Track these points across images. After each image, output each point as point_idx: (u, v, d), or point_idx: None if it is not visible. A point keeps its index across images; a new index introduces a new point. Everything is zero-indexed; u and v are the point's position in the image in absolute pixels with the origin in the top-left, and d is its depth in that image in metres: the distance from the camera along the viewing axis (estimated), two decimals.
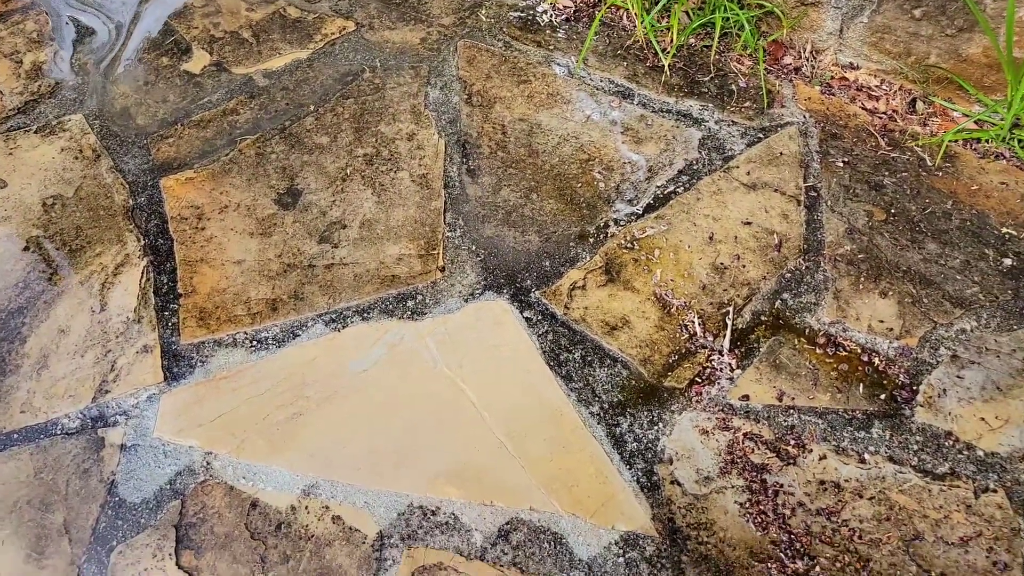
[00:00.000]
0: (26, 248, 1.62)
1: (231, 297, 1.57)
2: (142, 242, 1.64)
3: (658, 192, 1.76)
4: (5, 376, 1.45)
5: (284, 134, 1.85)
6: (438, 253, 1.64)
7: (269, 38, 2.10)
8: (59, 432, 1.39)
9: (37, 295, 1.55)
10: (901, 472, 1.36)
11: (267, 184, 1.75)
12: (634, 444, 1.40)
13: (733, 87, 1.99)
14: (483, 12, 2.19)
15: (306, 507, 1.32)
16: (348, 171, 1.78)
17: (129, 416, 1.42)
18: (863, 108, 1.95)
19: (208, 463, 1.37)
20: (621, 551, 1.29)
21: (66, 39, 2.09)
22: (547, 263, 1.64)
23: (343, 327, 1.54)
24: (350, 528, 1.30)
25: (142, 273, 1.59)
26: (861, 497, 1.33)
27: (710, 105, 1.94)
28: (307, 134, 1.85)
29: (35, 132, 1.84)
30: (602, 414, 1.43)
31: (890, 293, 1.58)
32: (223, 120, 1.88)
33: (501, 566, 1.27)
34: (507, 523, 1.31)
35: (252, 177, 1.76)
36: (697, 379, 1.48)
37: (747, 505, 1.33)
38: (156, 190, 1.74)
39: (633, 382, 1.47)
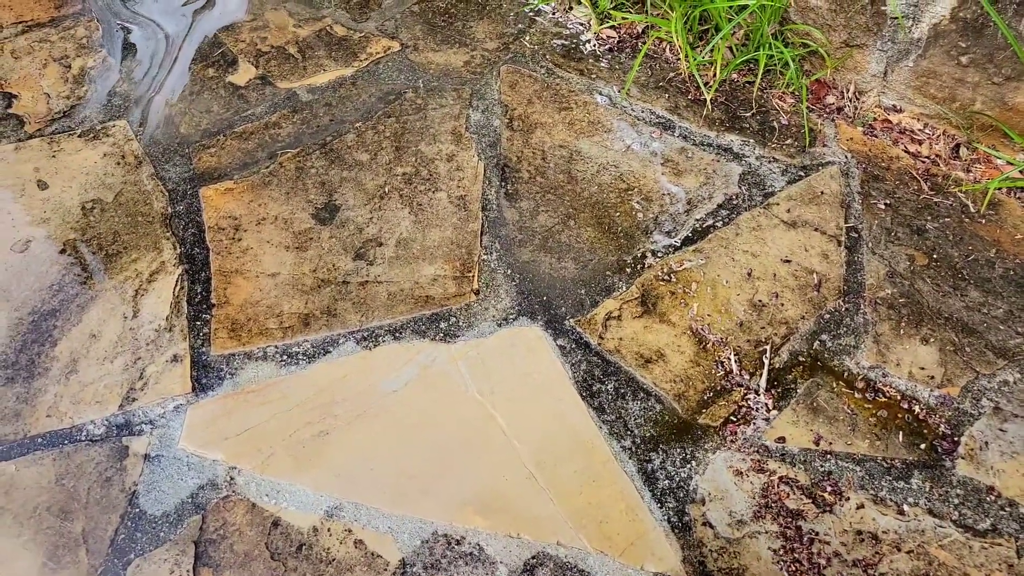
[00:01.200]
0: (63, 251, 1.62)
1: (264, 310, 1.56)
2: (178, 250, 1.64)
3: (697, 225, 1.74)
4: (34, 378, 1.44)
5: (324, 149, 1.85)
6: (473, 275, 1.63)
7: (315, 54, 2.12)
8: (84, 438, 1.38)
9: (71, 298, 1.55)
10: (941, 526, 1.31)
11: (305, 198, 1.75)
12: (666, 482, 1.36)
13: (775, 124, 1.97)
14: (527, 39, 2.20)
15: (328, 529, 1.30)
16: (386, 189, 1.77)
17: (155, 426, 1.40)
18: (906, 151, 1.92)
19: (232, 478, 1.34)
20: None
21: (115, 46, 2.12)
22: (583, 291, 1.62)
23: (375, 346, 1.52)
24: (372, 554, 1.27)
25: (176, 281, 1.58)
26: (899, 550, 1.29)
27: (751, 141, 1.92)
28: (347, 151, 1.85)
29: (79, 136, 1.85)
30: (634, 448, 1.40)
31: (931, 340, 1.55)
32: (265, 133, 1.89)
33: None
34: (533, 557, 1.28)
35: (291, 191, 1.76)
36: (732, 418, 1.44)
37: (781, 552, 1.29)
38: (195, 199, 1.74)
39: (666, 417, 1.44)
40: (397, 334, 1.54)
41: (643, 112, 1.99)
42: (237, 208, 1.72)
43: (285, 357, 1.50)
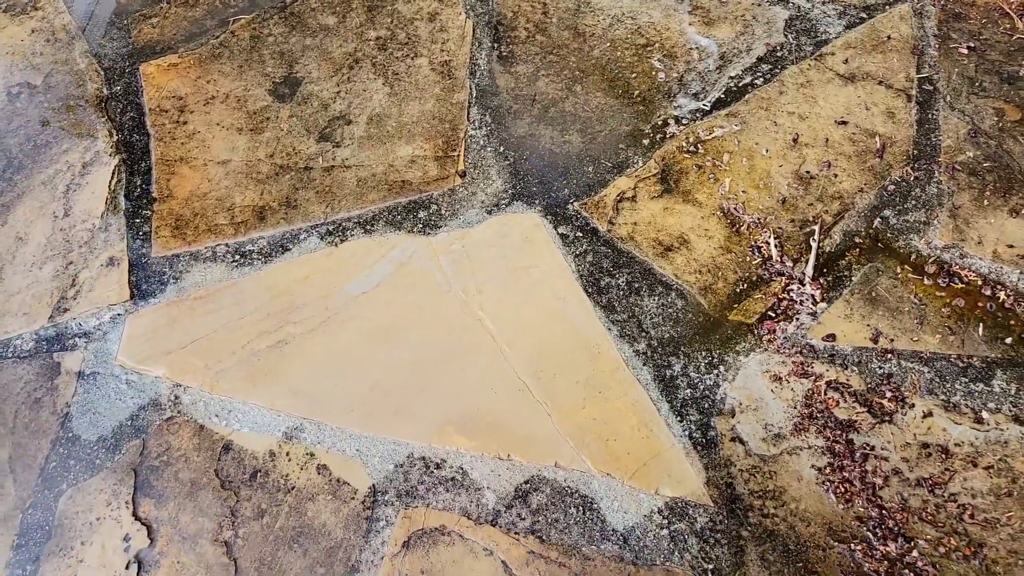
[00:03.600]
0: None
1: (213, 203, 1.33)
2: (115, 137, 1.42)
3: (731, 84, 1.44)
4: None
5: (284, 14, 1.58)
6: (458, 155, 1.37)
7: None
8: (10, 355, 1.21)
9: None
10: None
11: (261, 72, 1.49)
12: (688, 391, 1.14)
13: None
14: None
15: (287, 453, 1.12)
16: (357, 57, 1.50)
17: (90, 339, 1.22)
18: None
19: (176, 397, 1.16)
20: (665, 521, 1.05)
21: None
22: (590, 169, 1.35)
23: (341, 240, 1.30)
24: (337, 480, 1.09)
25: (112, 173, 1.37)
26: (975, 466, 1.09)
27: None
28: (311, 13, 1.57)
29: (4, 11, 1.61)
30: (649, 353, 1.18)
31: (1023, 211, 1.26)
32: None
33: (516, 534, 1.04)
34: (526, 482, 1.08)
35: (245, 64, 1.50)
36: (770, 313, 1.21)
37: (827, 471, 1.10)
38: (134, 78, 1.50)
39: (689, 315, 1.21)
40: (368, 226, 1.31)
41: None
42: (182, 86, 1.47)
43: (237, 257, 1.29)
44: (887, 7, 1.53)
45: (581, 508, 1.07)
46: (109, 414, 1.15)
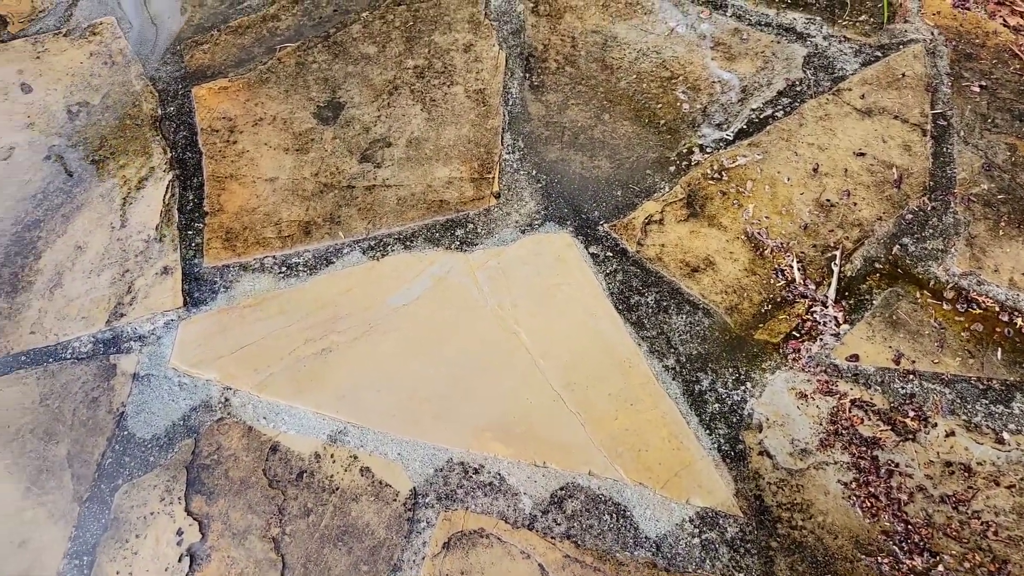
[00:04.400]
0: (47, 157, 1.49)
1: (261, 217, 1.40)
2: (169, 155, 1.48)
3: (753, 116, 1.50)
4: (16, 293, 1.32)
5: (328, 42, 1.66)
6: (493, 177, 1.43)
7: None
8: (69, 356, 1.26)
9: (55, 208, 1.41)
10: None
11: (306, 96, 1.57)
12: (716, 405, 1.18)
13: None
14: None
15: (332, 455, 1.16)
16: (396, 84, 1.57)
17: (144, 343, 1.27)
18: (1005, 25, 1.63)
19: (226, 399, 1.21)
20: (697, 530, 1.08)
21: None
22: (619, 192, 1.41)
23: (383, 255, 1.35)
24: (380, 482, 1.13)
25: (167, 188, 1.43)
26: (998, 485, 1.11)
27: (818, 18, 1.65)
28: (353, 43, 1.65)
29: (64, 35, 1.69)
30: (678, 368, 1.22)
31: None
32: (263, 26, 1.70)
33: (552, 538, 1.08)
34: (561, 488, 1.12)
35: (291, 88, 1.58)
36: (795, 333, 1.24)
37: (853, 486, 1.12)
38: (187, 99, 1.58)
39: (716, 333, 1.25)
40: (408, 242, 1.37)
41: None
42: (232, 108, 1.54)
43: (284, 269, 1.34)
44: (900, 46, 1.60)
45: (615, 515, 1.11)
46: (162, 414, 1.20)
